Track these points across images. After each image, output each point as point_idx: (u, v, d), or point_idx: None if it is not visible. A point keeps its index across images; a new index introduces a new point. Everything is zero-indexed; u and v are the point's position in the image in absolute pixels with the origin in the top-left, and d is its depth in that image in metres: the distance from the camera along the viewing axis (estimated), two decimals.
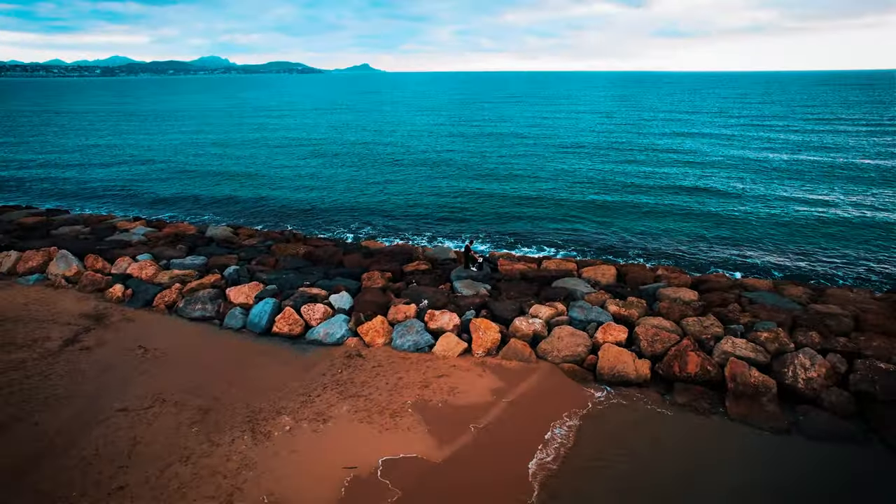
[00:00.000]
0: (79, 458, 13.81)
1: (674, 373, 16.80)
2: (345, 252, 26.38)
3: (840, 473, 13.73)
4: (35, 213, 34.22)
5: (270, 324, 20.48)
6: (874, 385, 15.46)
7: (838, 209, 36.42)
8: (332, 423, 15.03)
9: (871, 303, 20.14)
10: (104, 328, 21.09)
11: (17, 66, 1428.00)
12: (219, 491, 12.65)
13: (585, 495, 12.69)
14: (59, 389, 16.88)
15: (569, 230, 34.02)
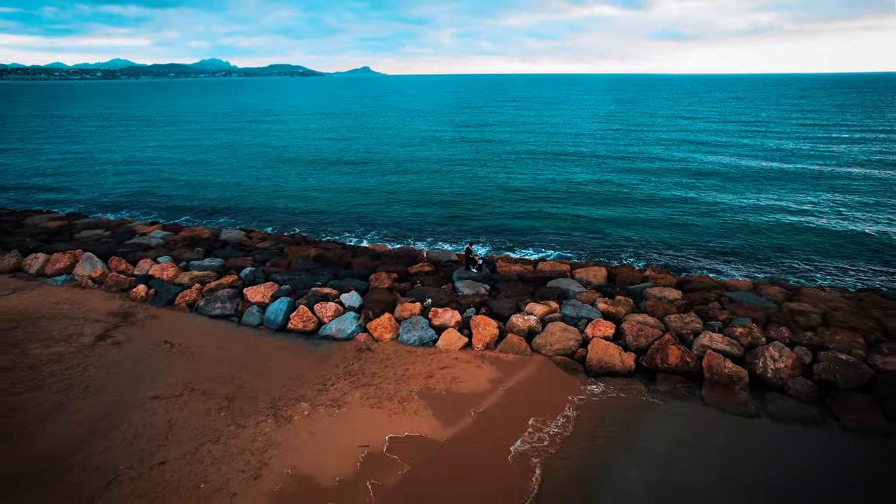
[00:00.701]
0: (122, 439, 15.48)
1: (656, 364, 18.47)
2: (353, 255, 28.09)
3: (801, 452, 15.38)
4: (57, 218, 35.90)
5: (286, 321, 22.15)
6: (835, 374, 17.12)
7: (821, 215, 38.04)
8: (346, 408, 16.70)
9: (841, 301, 21.81)
10: (131, 325, 22.77)
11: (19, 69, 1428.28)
12: (248, 465, 14.32)
13: (572, 470, 14.35)
14: (96, 379, 18.56)
15: (565, 234, 35.68)
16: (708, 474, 14.41)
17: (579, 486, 13.87)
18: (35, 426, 15.90)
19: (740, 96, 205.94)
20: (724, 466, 14.71)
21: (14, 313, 23.60)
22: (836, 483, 14.24)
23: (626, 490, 13.86)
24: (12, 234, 32.63)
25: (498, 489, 13.62)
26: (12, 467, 14.18)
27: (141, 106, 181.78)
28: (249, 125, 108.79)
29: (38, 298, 25.20)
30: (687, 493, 13.72)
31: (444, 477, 13.96)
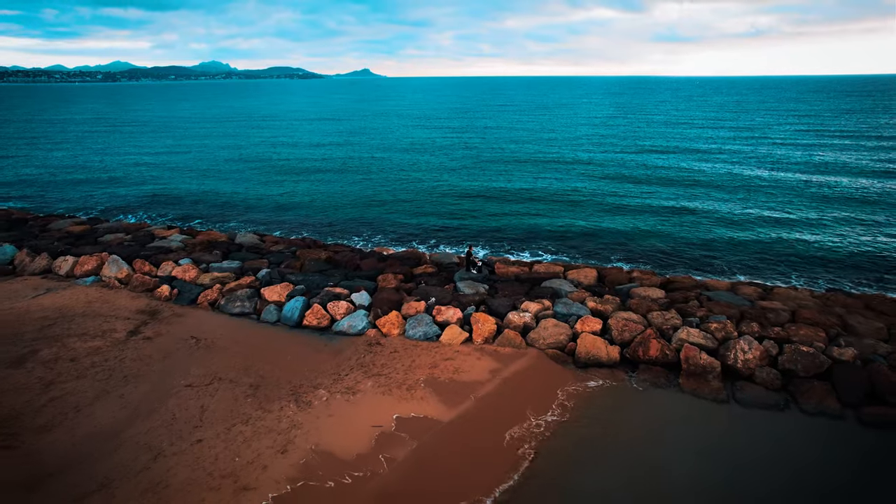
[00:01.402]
0: (161, 421, 17.47)
1: (638, 356, 20.48)
2: (361, 257, 30.11)
3: (766, 433, 17.35)
4: (79, 222, 37.89)
5: (301, 318, 24.15)
6: (796, 364, 19.13)
7: (805, 222, 40.01)
8: (360, 394, 18.70)
9: (809, 300, 23.83)
10: (159, 322, 24.77)
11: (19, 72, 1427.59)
12: (275, 443, 16.31)
13: (558, 448, 16.36)
14: (133, 370, 20.55)
15: (560, 237, 37.67)
16: (683, 453, 16.36)
17: (564, 459, 15.87)
18: (85, 409, 17.91)
19: (738, 100, 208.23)
20: (697, 446, 16.67)
21: (50, 311, 25.61)
22: (795, 459, 16.18)
23: (609, 464, 15.86)
24: (39, 237, 34.63)
25: (494, 462, 15.63)
26: (71, 443, 16.18)
27: (145, 110, 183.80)
28: (253, 131, 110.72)
29: (71, 297, 27.20)
30: (665, 469, 15.69)
31: (447, 451, 15.97)
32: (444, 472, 15.26)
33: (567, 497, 14.60)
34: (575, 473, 15.44)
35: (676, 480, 15.24)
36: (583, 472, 15.50)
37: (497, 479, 15.07)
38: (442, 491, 14.57)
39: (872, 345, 19.62)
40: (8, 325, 24.03)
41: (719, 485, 15.08)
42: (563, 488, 14.87)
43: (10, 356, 21.28)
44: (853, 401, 17.92)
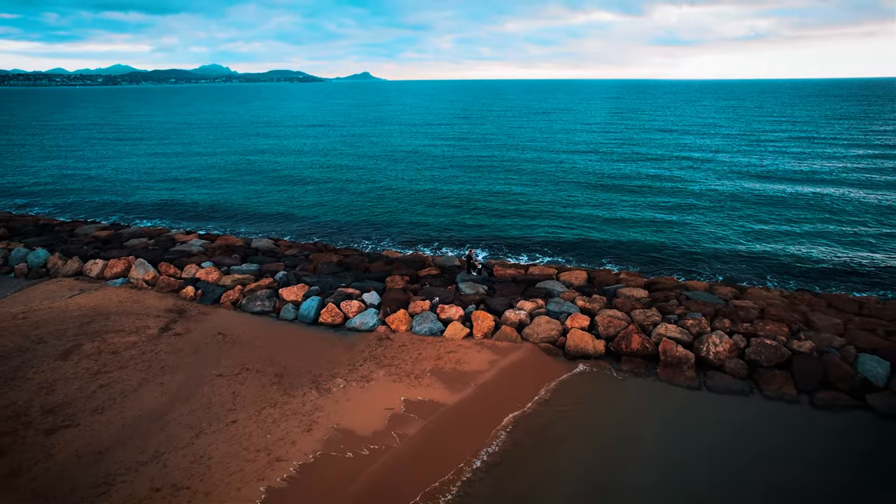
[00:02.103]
0: (199, 405, 19.85)
1: (621, 349, 22.88)
2: (370, 260, 32.53)
3: (732, 416, 19.71)
4: (103, 228, 40.30)
5: (317, 316, 26.54)
6: (761, 356, 21.53)
7: (784, 230, 42.42)
8: (373, 382, 21.09)
9: (778, 299, 26.23)
10: (187, 320, 27.16)
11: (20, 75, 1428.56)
12: (301, 423, 18.69)
13: (547, 429, 18.76)
14: (168, 362, 22.94)
15: (555, 241, 40.04)
16: (658, 432, 18.73)
17: (547, 433, 18.29)
18: (131, 394, 20.31)
19: (735, 105, 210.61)
20: (671, 426, 19.04)
21: (87, 310, 28.02)
22: (756, 438, 18.50)
23: (584, 436, 18.24)
24: (68, 242, 37.04)
25: (487, 434, 18.05)
26: (122, 423, 18.57)
27: (150, 116, 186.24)
28: (259, 138, 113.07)
29: (104, 297, 29.62)
30: (640, 445, 18.06)
31: (450, 428, 18.38)
32: (447, 443, 17.67)
33: (543, 458, 17.01)
34: (554, 444, 17.83)
35: (646, 452, 17.62)
36: (561, 443, 17.88)
37: (486, 445, 17.54)
38: (443, 456, 16.99)
39: (828, 338, 22.01)
40: (51, 322, 26.44)
41: (687, 459, 17.42)
42: (541, 453, 17.27)
43: (57, 350, 23.69)
44: (808, 387, 20.33)
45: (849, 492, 16.07)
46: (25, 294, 30.14)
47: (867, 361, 20.60)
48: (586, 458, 17.37)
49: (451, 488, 16.10)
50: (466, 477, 16.54)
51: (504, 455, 17.46)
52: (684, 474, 16.74)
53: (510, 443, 18.00)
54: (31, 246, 35.51)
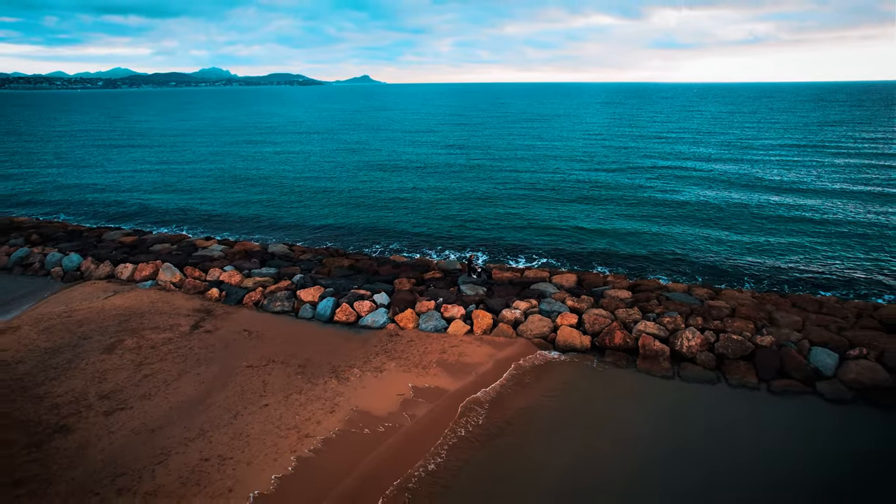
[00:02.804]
0: (233, 392, 22.68)
1: (605, 343, 25.73)
2: (379, 264, 35.39)
3: (701, 402, 22.53)
4: (127, 234, 43.16)
5: (332, 314, 29.38)
6: (728, 349, 24.39)
7: (763, 238, 45.30)
8: (385, 372, 23.94)
9: (748, 299, 29.09)
10: (214, 318, 30.00)
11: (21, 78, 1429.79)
12: (325, 406, 21.52)
13: (536, 410, 21.61)
14: (202, 355, 25.78)
15: (550, 246, 42.88)
16: (635, 415, 21.55)
17: (540, 415, 21.15)
18: (173, 383, 23.15)
19: (733, 110, 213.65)
20: (646, 410, 21.86)
21: (122, 309, 30.86)
22: (720, 420, 21.28)
23: (574, 420, 21.07)
24: (97, 247, 39.89)
25: (482, 410, 20.91)
26: (169, 406, 21.41)
27: (156, 121, 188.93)
28: (266, 146, 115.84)
29: (136, 298, 32.46)
30: (616, 424, 20.90)
31: (453, 407, 21.25)
32: (449, 419, 20.53)
33: (532, 432, 19.86)
34: (542, 422, 20.67)
35: (621, 430, 20.45)
36: (548, 422, 20.72)
37: (478, 427, 20.41)
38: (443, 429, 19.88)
39: (787, 333, 24.86)
40: (92, 320, 29.29)
41: (658, 438, 20.23)
42: (531, 428, 20.13)
43: (102, 345, 26.54)
44: (767, 376, 23.19)
45: (799, 464, 18.84)
46: (65, 295, 32.99)
47: (818, 353, 23.47)
48: (568, 434, 20.22)
49: (456, 454, 18.96)
50: (471, 450, 19.40)
51: (498, 430, 20.31)
52: (655, 450, 19.53)
53: (504, 421, 20.85)
54: (64, 251, 38.33)
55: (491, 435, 20.13)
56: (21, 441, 19.38)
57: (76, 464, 18.28)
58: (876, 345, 23.60)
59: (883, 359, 22.84)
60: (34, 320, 29.24)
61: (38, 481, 17.43)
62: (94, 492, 17.05)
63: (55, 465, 18.14)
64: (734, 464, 18.85)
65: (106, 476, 17.74)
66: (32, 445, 19.16)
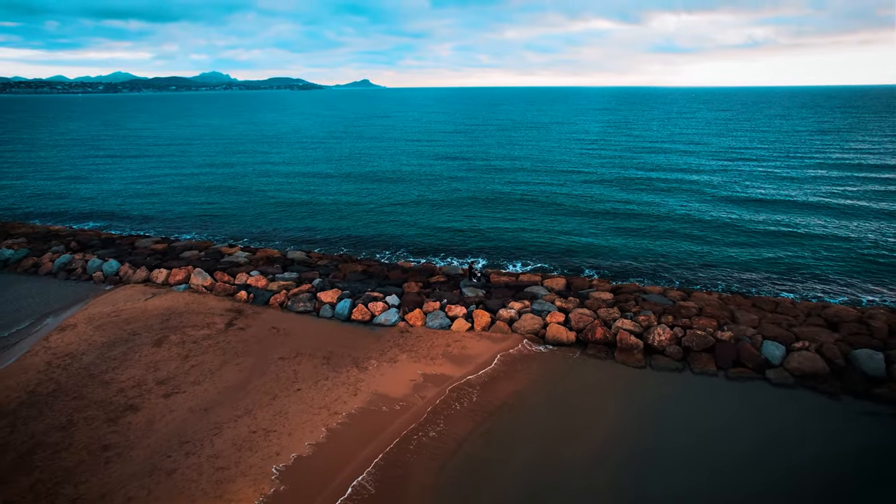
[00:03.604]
0: (270, 379, 26.66)
1: (588, 338, 29.73)
2: (389, 269, 39.42)
3: (666, 387, 26.53)
4: (158, 241, 47.17)
5: (350, 314, 33.35)
6: (693, 343, 28.39)
7: (737, 249, 49.37)
8: (398, 362, 27.94)
9: (715, 301, 33.10)
10: (245, 317, 33.98)
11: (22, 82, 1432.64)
12: (349, 389, 25.51)
13: (524, 393, 25.62)
14: (238, 349, 29.75)
15: (543, 252, 46.91)
16: (610, 398, 25.52)
17: (528, 397, 25.16)
18: (217, 372, 27.14)
19: (728, 117, 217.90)
20: (620, 396, 25.80)
21: (162, 309, 34.85)
22: (684, 403, 25.27)
23: (557, 401, 25.07)
24: (132, 253, 43.90)
25: (478, 391, 24.93)
26: (216, 390, 25.42)
27: (164, 129, 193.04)
28: (273, 156, 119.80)
29: (173, 300, 36.46)
30: (593, 403, 24.89)
31: (456, 389, 25.26)
32: (454, 400, 24.55)
33: (521, 408, 23.85)
34: (530, 403, 24.67)
35: (598, 410, 24.45)
36: (535, 404, 24.72)
37: (477, 405, 24.44)
38: (450, 414, 23.91)
39: (744, 329, 28.88)
40: (137, 319, 33.29)
41: (629, 417, 24.21)
42: (520, 407, 24.13)
43: (150, 339, 30.54)
44: (725, 365, 27.19)
45: (745, 437, 22.75)
46: (110, 297, 36.99)
47: (769, 346, 27.49)
48: (552, 410, 24.22)
49: (459, 431, 22.98)
50: (472, 422, 23.42)
51: (495, 408, 24.32)
52: (626, 426, 23.52)
53: (499, 400, 24.86)
54: (103, 257, 42.36)
55: (488, 411, 24.12)
56: (100, 417, 23.42)
57: (148, 434, 22.31)
58: (817, 339, 27.62)
59: (822, 350, 26.86)
60: (88, 319, 33.28)
61: (121, 447, 21.46)
62: (167, 455, 21.07)
63: (132, 435, 22.18)
64: (692, 436, 22.80)
65: (174, 443, 21.77)
66: (110, 420, 23.20)
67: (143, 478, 19.90)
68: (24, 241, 46.88)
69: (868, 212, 57.35)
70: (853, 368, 25.99)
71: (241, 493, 19.10)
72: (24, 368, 27.45)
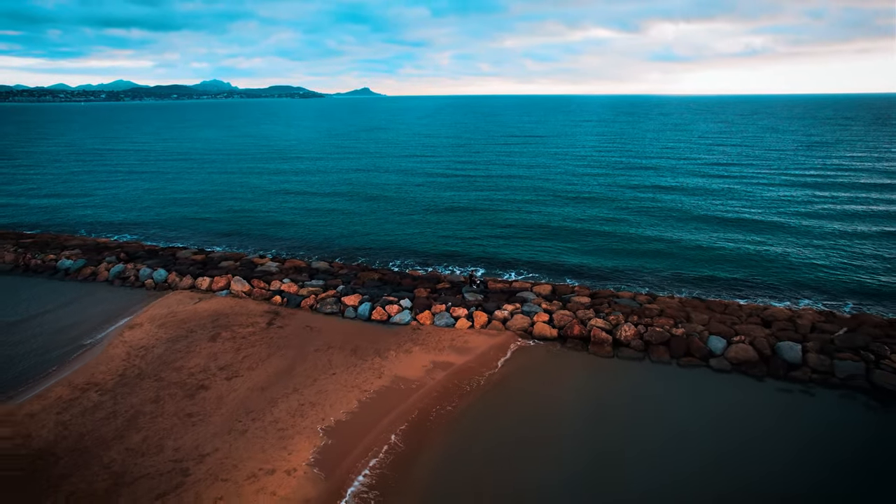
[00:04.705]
0: (309, 366, 33.07)
1: (567, 334, 36.15)
2: (401, 277, 45.91)
3: (629, 373, 32.95)
4: (196, 252, 53.67)
5: (370, 315, 39.78)
6: (652, 337, 34.82)
7: (704, 262, 55.95)
8: (412, 353, 34.37)
9: (675, 303, 39.57)
10: (282, 318, 40.40)
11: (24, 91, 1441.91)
12: (374, 373, 31.92)
13: (511, 377, 32.07)
14: (280, 343, 36.17)
15: (533, 263, 53.38)
16: (584, 381, 31.87)
17: (516, 380, 31.62)
18: (266, 361, 33.56)
19: (723, 129, 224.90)
20: (592, 380, 32.18)
21: (210, 312, 41.29)
22: (641, 385, 31.63)
23: (540, 382, 31.49)
24: (175, 263, 50.37)
25: (477, 378, 31.41)
26: (266, 374, 31.86)
27: (174, 141, 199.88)
28: (284, 168, 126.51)
29: (218, 304, 42.91)
30: (572, 386, 31.29)
31: (460, 374, 31.74)
32: (457, 383, 31.01)
33: (511, 388, 30.28)
34: (517, 386, 31.09)
35: (573, 391, 30.87)
36: (521, 387, 31.13)
37: (476, 384, 30.91)
38: (457, 386, 30.38)
39: (695, 327, 35.33)
40: (191, 319, 39.74)
41: (597, 397, 30.59)
42: (510, 386, 30.56)
43: (205, 336, 36.97)
44: (677, 355, 33.62)
45: (690, 410, 29.14)
46: (164, 301, 43.43)
47: (713, 340, 33.96)
48: (537, 391, 30.67)
49: (462, 404, 29.45)
50: (472, 396, 29.89)
51: (490, 388, 30.76)
52: (595, 402, 29.88)
53: (493, 383, 31.30)
54: (152, 267, 48.87)
55: (485, 389, 30.59)
56: (180, 393, 29.88)
57: (220, 406, 28.75)
58: (752, 334, 34.09)
59: (754, 343, 33.31)
60: (150, 319, 39.76)
61: (201, 414, 27.91)
62: (237, 420, 27.51)
63: (207, 407, 28.63)
64: (649, 411, 29.15)
65: (241, 412, 28.20)
66: (188, 396, 29.66)
67: (223, 436, 26.33)
68: (79, 251, 53.42)
69: (823, 232, 63.54)
70: (777, 357, 32.45)
71: (299, 445, 25.54)
72: (111, 358, 33.95)
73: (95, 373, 32.12)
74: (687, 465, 24.83)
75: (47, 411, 28.25)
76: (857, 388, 30.05)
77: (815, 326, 35.19)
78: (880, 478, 24.27)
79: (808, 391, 30.45)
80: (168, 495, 22.29)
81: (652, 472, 24.41)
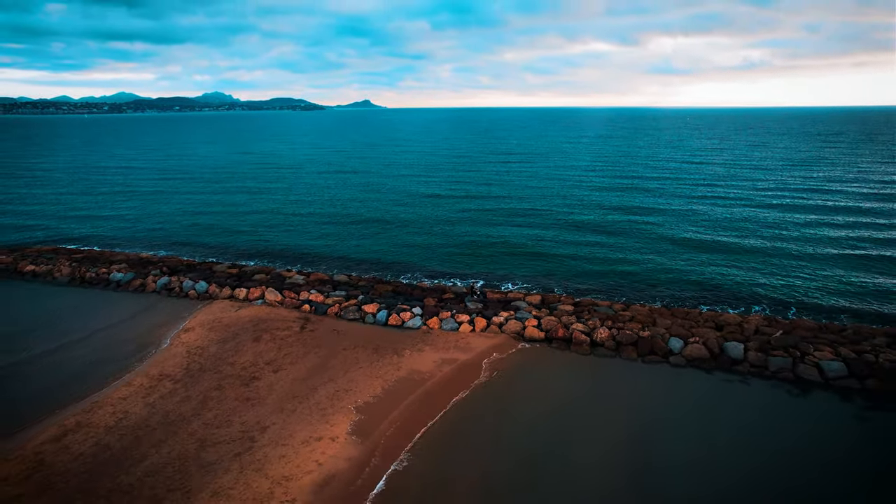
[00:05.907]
0: (340, 361, 40.08)
1: (553, 336, 43.23)
2: (412, 289, 53.06)
3: (603, 368, 40.02)
4: (230, 266, 60.83)
5: (387, 321, 46.86)
6: (623, 339, 41.89)
7: (672, 278, 63.19)
8: (423, 352, 41.42)
9: (645, 311, 46.67)
10: (312, 324, 47.46)
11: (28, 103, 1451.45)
12: (393, 367, 38.98)
13: (507, 371, 39.17)
14: (313, 344, 43.21)
15: (526, 276, 60.54)
16: (567, 375, 38.90)
17: (509, 373, 38.71)
18: (303, 358, 40.62)
19: (717, 144, 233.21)
20: (572, 373, 39.23)
21: (250, 318, 48.37)
22: (612, 378, 38.70)
23: (528, 376, 38.55)
24: (212, 276, 57.49)
25: (477, 372, 38.52)
26: (307, 368, 38.93)
27: (186, 158, 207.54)
28: (296, 187, 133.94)
29: (256, 311, 50.02)
30: (556, 376, 38.35)
31: (463, 367, 38.85)
32: (463, 374, 38.12)
33: (508, 380, 37.33)
34: (509, 378, 38.14)
35: (555, 383, 37.91)
36: (513, 379, 38.18)
37: (478, 376, 38.03)
38: (462, 378, 37.49)
39: (658, 330, 42.40)
40: (234, 325, 46.83)
41: (575, 389, 37.63)
42: (504, 379, 37.62)
43: (249, 338, 44.06)
44: (643, 354, 40.70)
45: (651, 398, 36.16)
46: (208, 309, 50.54)
47: (673, 341, 41.07)
48: (528, 385, 37.73)
49: (465, 390, 36.52)
50: (473, 384, 36.98)
51: (489, 381, 37.82)
52: (574, 392, 36.90)
53: (490, 376, 38.36)
54: (193, 279, 56.03)
55: (484, 379, 37.67)
56: (237, 383, 36.95)
57: (270, 392, 35.82)
58: (705, 336, 41.19)
59: (706, 343, 40.42)
60: (200, 324, 46.90)
61: (257, 398, 34.99)
62: (286, 402, 34.57)
63: (261, 393, 35.70)
64: (619, 398, 36.17)
65: (288, 397, 35.27)
66: (244, 385, 36.74)
67: (277, 414, 33.38)
68: (126, 265, 60.63)
69: (786, 253, 70.71)
70: (724, 354, 39.55)
71: (338, 419, 32.60)
72: (174, 355, 41.06)
73: (165, 367, 39.22)
74: (641, 445, 31.87)
75: (134, 396, 35.36)
76: (784, 379, 37.17)
77: (759, 329, 42.31)
78: (798, 442, 31.25)
79: (745, 381, 37.53)
80: (244, 454, 29.35)
81: (610, 448, 31.45)
